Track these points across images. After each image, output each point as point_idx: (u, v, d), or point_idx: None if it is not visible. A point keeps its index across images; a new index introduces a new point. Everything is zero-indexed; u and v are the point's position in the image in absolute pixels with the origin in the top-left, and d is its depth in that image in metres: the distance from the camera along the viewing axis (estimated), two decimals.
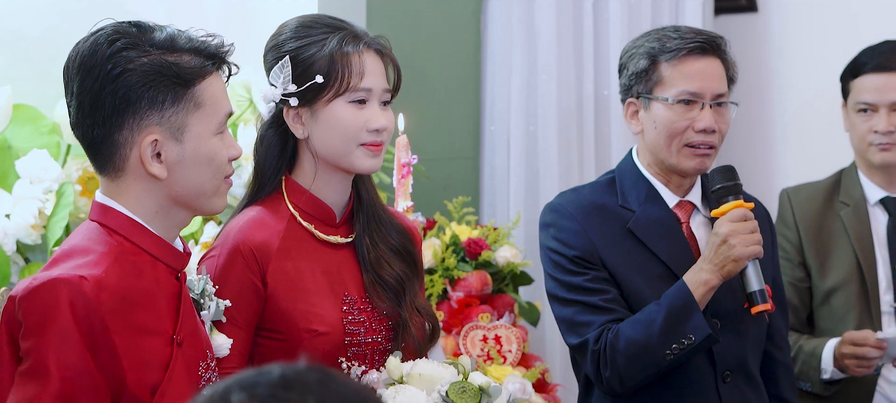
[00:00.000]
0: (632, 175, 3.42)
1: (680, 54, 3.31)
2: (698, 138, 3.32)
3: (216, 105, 2.53)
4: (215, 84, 2.53)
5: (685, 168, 3.35)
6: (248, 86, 3.90)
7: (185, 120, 2.48)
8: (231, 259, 2.84)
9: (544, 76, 4.75)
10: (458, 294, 4.03)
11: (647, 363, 3.24)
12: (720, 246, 3.20)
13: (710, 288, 3.22)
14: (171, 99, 2.47)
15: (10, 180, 3.51)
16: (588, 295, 3.31)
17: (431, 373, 2.80)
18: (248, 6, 4.22)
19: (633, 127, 3.41)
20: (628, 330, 3.24)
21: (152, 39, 2.49)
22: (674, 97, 3.31)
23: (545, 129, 4.76)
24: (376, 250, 2.96)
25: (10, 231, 3.38)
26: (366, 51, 2.87)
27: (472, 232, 4.16)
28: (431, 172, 4.33)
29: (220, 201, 2.58)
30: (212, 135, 2.52)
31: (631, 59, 3.38)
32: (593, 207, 3.38)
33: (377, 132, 2.86)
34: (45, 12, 3.83)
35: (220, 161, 2.53)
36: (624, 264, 3.33)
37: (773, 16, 5.09)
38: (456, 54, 4.71)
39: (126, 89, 2.45)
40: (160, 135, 2.47)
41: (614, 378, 3.27)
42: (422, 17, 4.59)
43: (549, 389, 4.05)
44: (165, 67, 2.46)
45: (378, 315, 2.93)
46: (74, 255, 2.45)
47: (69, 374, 2.36)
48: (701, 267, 3.23)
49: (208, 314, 2.70)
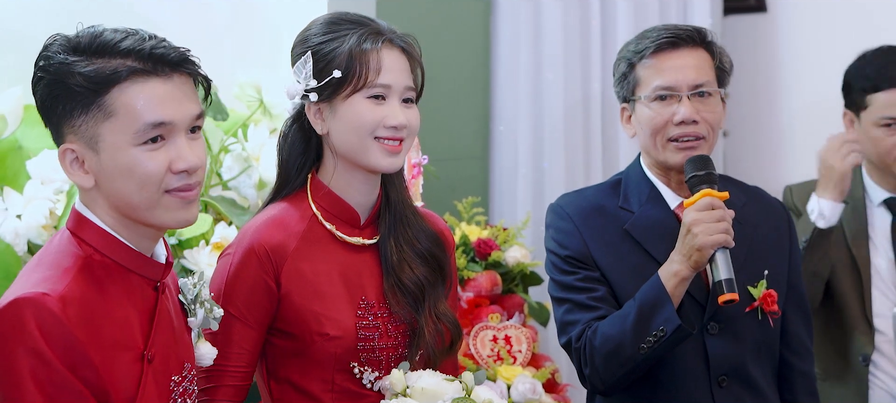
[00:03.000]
0: (636, 177, 3.41)
1: (650, 52, 3.30)
2: (678, 131, 3.28)
3: (132, 113, 2.35)
4: (135, 91, 2.35)
5: (673, 162, 3.32)
6: (258, 87, 3.91)
7: (96, 129, 2.35)
8: (246, 258, 2.83)
9: (551, 76, 4.75)
10: (468, 294, 4.03)
11: (623, 359, 3.20)
12: (686, 236, 3.16)
13: (681, 279, 3.17)
14: (80, 107, 2.35)
15: (21, 181, 3.51)
16: (577, 293, 3.29)
17: (434, 388, 2.76)
18: (256, 8, 4.23)
19: (628, 131, 3.41)
20: (604, 327, 3.22)
21: (77, 44, 2.37)
22: (649, 94, 3.30)
23: (552, 129, 4.76)
24: (400, 253, 2.92)
25: (21, 231, 3.38)
26: (387, 47, 2.84)
27: (482, 232, 4.16)
28: (441, 172, 4.33)
29: (167, 215, 2.41)
30: (129, 146, 2.35)
31: (616, 65, 3.39)
32: (592, 209, 3.37)
33: (394, 129, 2.82)
34: (56, 13, 3.83)
35: (144, 173, 2.37)
36: (619, 265, 3.31)
37: (782, 16, 5.09)
38: (465, 55, 4.72)
39: (43, 98, 2.39)
40: (77, 144, 2.37)
41: (594, 375, 3.25)
42: (431, 17, 4.59)
43: (559, 389, 4.05)
44: (68, 75, 2.34)
45: (395, 320, 2.89)
46: (40, 268, 2.36)
47: (52, 392, 2.27)
48: (672, 259, 3.19)
49: (195, 321, 2.63)
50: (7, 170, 3.56)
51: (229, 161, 3.80)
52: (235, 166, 3.80)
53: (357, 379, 2.86)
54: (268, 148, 3.76)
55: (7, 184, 3.50)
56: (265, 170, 3.75)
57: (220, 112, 3.80)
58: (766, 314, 3.28)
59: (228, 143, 3.82)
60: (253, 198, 3.79)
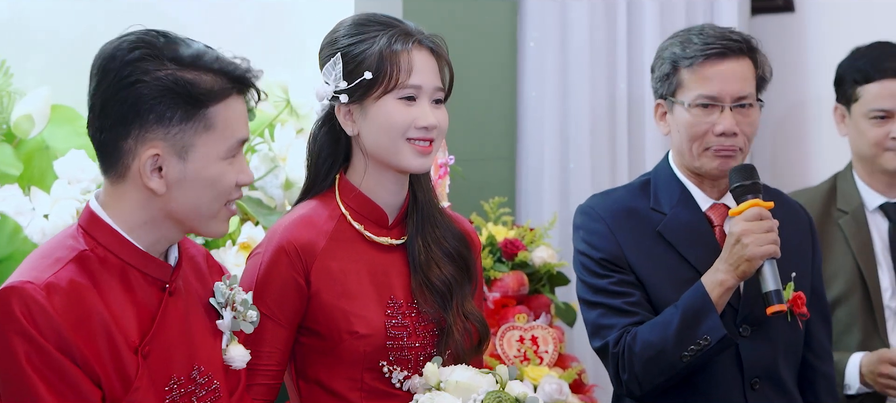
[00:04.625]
0: (666, 177, 3.40)
1: (698, 60, 3.29)
2: (717, 141, 3.29)
3: (228, 129, 2.50)
4: (232, 108, 2.51)
5: (708, 169, 3.32)
6: (285, 88, 3.91)
7: (192, 139, 2.47)
8: (275, 257, 2.84)
9: (578, 76, 4.74)
10: (495, 294, 4.03)
11: (664, 365, 3.21)
12: (734, 246, 3.16)
13: (726, 289, 3.19)
14: (180, 116, 2.46)
15: (48, 180, 3.53)
16: (612, 297, 3.30)
17: (468, 381, 2.78)
18: (284, 9, 4.23)
19: (662, 128, 3.40)
20: (645, 333, 3.22)
21: (175, 53, 2.47)
22: (691, 101, 3.29)
23: (578, 130, 4.75)
24: (428, 252, 2.93)
25: (48, 231, 3.39)
26: (417, 48, 2.85)
27: (509, 232, 4.15)
28: (468, 173, 4.32)
29: (218, 226, 2.56)
30: (219, 159, 2.50)
31: (657, 62, 3.37)
32: (624, 210, 3.37)
33: (426, 129, 2.84)
34: (83, 13, 3.85)
35: (224, 186, 2.52)
36: (652, 268, 3.31)
37: (810, 16, 5.07)
38: (491, 56, 4.71)
39: (135, 99, 2.44)
40: (163, 150, 2.46)
41: (632, 381, 3.26)
42: (458, 18, 4.59)
43: (586, 390, 4.04)
44: (179, 85, 2.45)
45: (424, 319, 2.91)
46: (35, 259, 2.46)
47: (47, 373, 2.36)
48: (717, 268, 3.19)
49: (224, 323, 2.66)
50: (34, 169, 3.58)
51: (256, 161, 3.81)
52: (262, 166, 3.80)
53: (386, 378, 2.87)
54: (294, 148, 3.76)
55: (34, 184, 3.51)
56: (292, 170, 3.75)
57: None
58: (796, 316, 3.26)
59: (255, 143, 3.82)
60: (279, 198, 3.79)
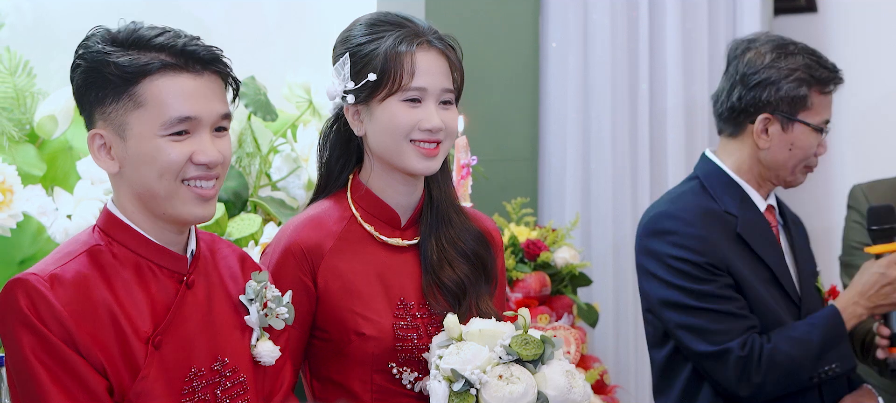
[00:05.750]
0: (720, 179, 3.45)
1: (828, 86, 3.44)
2: (814, 162, 3.47)
3: (160, 106, 2.45)
4: (164, 85, 2.45)
5: (797, 184, 3.49)
6: (308, 88, 3.91)
7: (125, 118, 2.47)
8: (283, 258, 2.84)
9: (600, 77, 4.74)
10: (517, 295, 4.02)
11: (797, 380, 3.33)
12: (882, 288, 3.31)
13: (858, 322, 3.37)
14: (112, 96, 2.47)
15: (71, 181, 3.53)
16: (721, 302, 3.35)
17: (492, 329, 2.74)
18: (307, 8, 4.23)
19: (761, 141, 3.43)
20: (785, 346, 3.32)
21: (115, 36, 2.49)
22: (816, 124, 3.42)
23: (600, 130, 4.74)
24: (441, 252, 2.90)
25: (71, 231, 3.39)
26: (424, 49, 2.82)
27: (531, 233, 4.15)
28: (490, 173, 4.32)
29: (184, 207, 2.51)
30: (154, 136, 2.46)
31: (783, 79, 3.42)
32: (706, 213, 3.42)
33: (430, 132, 2.81)
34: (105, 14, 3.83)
35: (165, 162, 2.46)
36: (742, 269, 3.39)
37: (833, 16, 5.05)
38: (514, 55, 4.71)
39: (78, 84, 2.51)
40: (106, 131, 2.48)
41: (749, 385, 3.34)
42: (480, 18, 4.58)
43: (608, 390, 4.03)
44: (104, 64, 2.46)
45: (435, 321, 2.88)
46: (49, 255, 2.50)
47: (50, 362, 2.39)
48: (856, 302, 3.34)
49: (252, 320, 2.66)
50: (57, 170, 3.59)
51: (278, 161, 3.81)
52: (284, 166, 3.81)
53: (396, 379, 2.85)
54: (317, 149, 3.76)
55: (57, 184, 3.52)
56: (314, 170, 3.75)
57: (270, 112, 3.81)
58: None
59: (278, 144, 3.83)
60: (302, 199, 3.79)
